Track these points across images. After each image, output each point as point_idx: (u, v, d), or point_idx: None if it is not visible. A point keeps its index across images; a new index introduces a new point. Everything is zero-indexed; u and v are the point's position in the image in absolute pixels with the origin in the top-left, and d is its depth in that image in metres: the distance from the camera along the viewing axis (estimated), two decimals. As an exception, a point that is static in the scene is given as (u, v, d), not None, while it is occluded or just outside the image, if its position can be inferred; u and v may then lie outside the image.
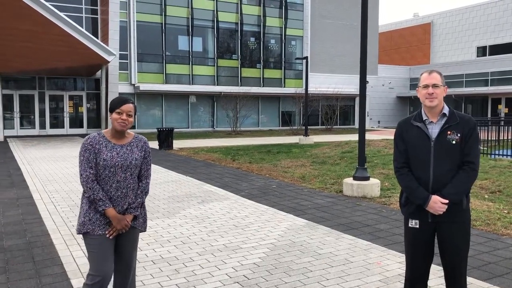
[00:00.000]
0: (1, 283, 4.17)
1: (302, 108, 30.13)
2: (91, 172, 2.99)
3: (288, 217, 6.60)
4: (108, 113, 3.08)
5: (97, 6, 25.15)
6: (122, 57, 24.93)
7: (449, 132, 2.92)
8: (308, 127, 20.92)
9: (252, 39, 30.18)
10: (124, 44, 25.26)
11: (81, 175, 2.99)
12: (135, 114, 3.16)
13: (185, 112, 28.45)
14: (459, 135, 2.90)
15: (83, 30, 18.69)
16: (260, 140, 21.31)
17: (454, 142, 2.90)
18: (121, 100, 3.07)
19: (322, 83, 31.71)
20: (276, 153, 15.22)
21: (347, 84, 32.94)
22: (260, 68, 30.44)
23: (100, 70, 21.56)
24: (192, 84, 27.95)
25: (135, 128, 26.37)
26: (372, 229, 5.92)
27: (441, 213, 2.90)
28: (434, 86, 2.94)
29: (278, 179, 10.05)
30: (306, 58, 21.27)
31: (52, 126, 24.45)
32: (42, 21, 16.60)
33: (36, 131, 24.11)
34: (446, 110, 2.99)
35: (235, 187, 8.97)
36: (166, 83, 27.18)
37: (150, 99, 27.22)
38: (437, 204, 2.87)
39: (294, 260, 4.74)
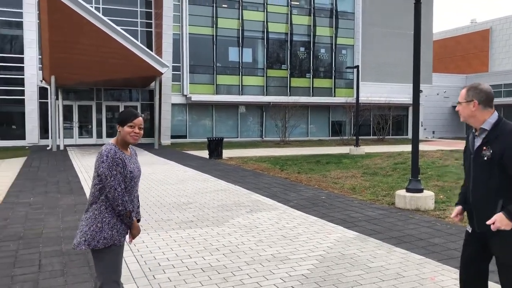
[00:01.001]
0: (59, 285, 4.36)
1: (352, 118, 29.68)
2: (123, 186, 3.01)
3: (338, 229, 6.48)
4: (118, 126, 3.12)
5: (151, 20, 26.08)
6: (175, 68, 25.65)
7: (484, 148, 2.87)
8: (359, 137, 20.54)
9: (302, 48, 30.16)
10: (177, 56, 25.98)
11: (115, 189, 2.95)
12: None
13: (234, 122, 28.77)
14: (491, 151, 2.81)
15: (139, 43, 19.42)
16: (309, 150, 21.16)
17: (485, 158, 2.84)
18: (133, 113, 3.13)
19: (373, 92, 31.10)
20: (325, 164, 15.04)
21: (400, 93, 32.12)
22: (310, 78, 30.33)
23: (154, 82, 22.27)
24: (241, 94, 28.26)
25: (186, 138, 26.99)
26: (426, 243, 5.70)
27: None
28: (458, 103, 3.02)
29: (328, 190, 9.91)
30: (357, 67, 20.97)
31: (108, 135, 25.47)
32: (102, 35, 17.44)
33: (93, 140, 25.19)
34: (487, 124, 2.90)
35: (283, 197, 8.94)
36: (216, 93, 27.65)
37: (201, 110, 27.77)
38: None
39: (344, 273, 4.64)
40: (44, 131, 23.88)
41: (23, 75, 23.56)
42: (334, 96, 30.80)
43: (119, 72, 20.28)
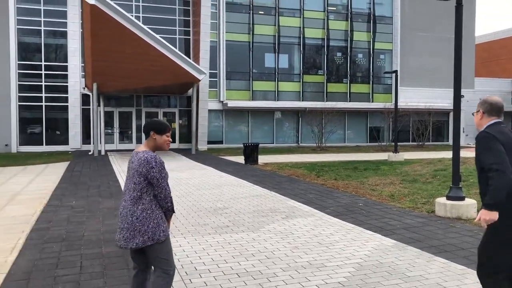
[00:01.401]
0: (99, 287, 4.48)
1: (391, 124, 29.12)
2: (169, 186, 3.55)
3: (376, 236, 6.36)
4: (154, 133, 3.49)
5: (189, 28, 26.56)
6: (211, 75, 25.99)
7: None
8: (398, 143, 20.12)
9: (339, 54, 29.91)
10: (213, 62, 26.32)
11: (165, 190, 3.45)
12: None
13: (270, 128, 28.81)
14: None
15: (177, 51, 19.81)
16: (346, 157, 20.90)
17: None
18: (167, 124, 3.57)
19: (412, 97, 30.44)
20: (363, 170, 14.82)
21: (440, 99, 31.29)
22: (347, 83, 30.01)
23: (191, 88, 22.63)
24: (277, 100, 28.28)
25: (222, 143, 27.24)
26: (468, 253, 5.51)
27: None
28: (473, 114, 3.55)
29: (365, 197, 9.76)
30: (395, 72, 20.59)
31: (148, 141, 26.02)
32: (142, 44, 17.93)
33: (133, 145, 25.81)
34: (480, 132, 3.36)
35: (320, 204, 8.86)
36: (252, 99, 27.78)
37: (237, 115, 27.96)
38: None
39: (381, 281, 4.55)
40: (86, 137, 24.68)
41: (67, 82, 24.47)
42: (372, 102, 30.34)
43: (158, 79, 20.73)
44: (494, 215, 3.07)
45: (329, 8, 29.37)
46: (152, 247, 3.42)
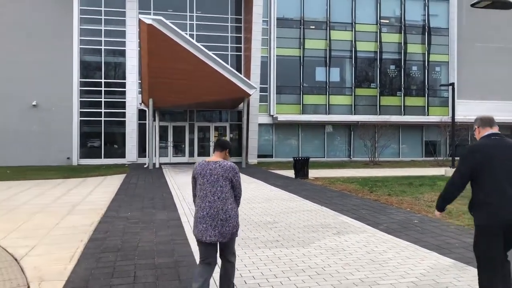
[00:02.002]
0: (151, 296, 4.58)
1: (448, 138, 28.01)
2: None
3: (432, 255, 6.10)
4: (228, 151, 4.40)
5: (241, 44, 27.02)
6: (262, 90, 26.21)
7: None
8: (456, 158, 19.32)
9: (392, 66, 29.31)
10: (264, 77, 26.55)
11: (241, 192, 4.34)
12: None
13: (321, 142, 28.55)
14: None
15: (229, 67, 20.19)
16: (401, 171, 20.29)
17: None
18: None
19: (471, 110, 29.15)
20: (418, 186, 14.31)
21: (503, 112, 29.75)
22: (401, 96, 29.28)
23: (242, 103, 22.91)
24: (328, 114, 28.03)
25: (272, 157, 27.28)
26: (534, 276, 5.15)
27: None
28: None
29: (421, 213, 9.41)
30: (452, 84, 19.89)
31: (200, 154, 26.54)
32: (196, 61, 18.46)
33: (185, 158, 26.40)
34: None
35: (372, 220, 8.63)
36: (303, 113, 27.70)
37: (287, 129, 27.95)
38: None
39: (438, 303, 4.34)
40: (142, 150, 25.53)
41: (125, 98, 25.52)
42: (428, 115, 29.38)
43: (211, 95, 21.18)
44: (437, 214, 4.52)
45: (381, 21, 28.94)
46: (233, 239, 4.22)
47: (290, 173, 18.24)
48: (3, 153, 23.63)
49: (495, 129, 3.99)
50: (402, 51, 29.17)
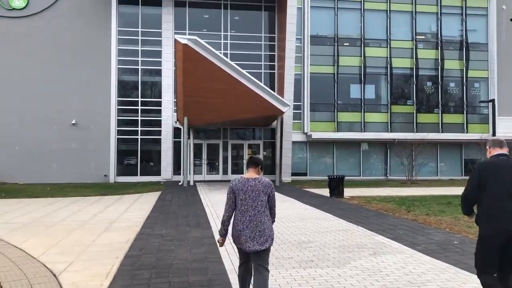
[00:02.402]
0: (185, 315, 4.55)
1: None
2: None
3: (473, 278, 5.83)
4: (261, 167, 4.78)
5: (274, 62, 27.19)
6: (295, 107, 26.17)
7: None
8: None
9: (429, 83, 28.74)
10: (297, 95, 26.53)
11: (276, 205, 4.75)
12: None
13: (356, 160, 28.13)
14: None
15: (262, 85, 20.31)
16: (439, 191, 19.68)
17: None
18: None
19: (513, 127, 28.15)
20: (458, 205, 13.81)
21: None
22: (438, 113, 28.61)
23: (276, 120, 22.93)
24: (364, 131, 27.66)
25: (306, 175, 27.07)
26: None
27: None
28: None
29: (461, 234, 9.05)
30: (492, 100, 19.30)
31: (233, 172, 26.62)
32: (230, 79, 18.69)
33: (219, 176, 26.54)
34: None
35: (410, 241, 8.36)
36: (337, 131, 27.45)
37: (322, 147, 27.72)
38: None
39: (483, 330, 4.12)
40: (176, 168, 25.86)
41: (161, 117, 26.04)
42: (467, 132, 28.54)
43: (244, 113, 21.32)
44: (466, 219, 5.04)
45: (417, 37, 28.56)
46: (268, 249, 4.58)
47: (325, 192, 18.01)
48: (44, 171, 24.44)
49: (504, 150, 4.53)
50: (439, 67, 28.61)
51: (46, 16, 25.07)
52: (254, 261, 4.55)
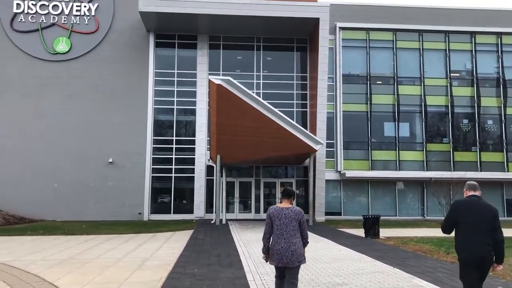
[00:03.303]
0: None
1: (532, 196, 25.89)
2: None
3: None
4: (293, 198, 5.88)
5: (306, 100, 27.36)
6: (328, 145, 26.03)
7: None
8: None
9: (465, 121, 28.15)
10: (330, 133, 26.44)
11: (307, 230, 5.82)
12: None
13: (392, 199, 27.45)
14: None
15: (294, 123, 20.40)
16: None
17: None
18: None
19: (557, 166, 26.99)
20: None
21: None
22: (476, 151, 27.81)
23: (308, 158, 22.83)
24: (399, 170, 27.11)
25: (341, 215, 26.56)
26: None
27: None
28: None
29: (506, 279, 8.59)
30: (533, 138, 18.63)
31: (265, 210, 26.07)
32: (262, 118, 18.91)
33: (251, 215, 26.37)
34: None
35: (450, 284, 7.99)
36: (371, 169, 27.02)
37: (356, 186, 27.26)
38: None
39: None
40: (209, 206, 25.90)
41: (194, 155, 26.39)
42: (507, 171, 27.51)
43: (277, 150, 21.35)
44: None
45: (451, 74, 28.27)
46: (298, 267, 5.62)
47: (360, 232, 17.56)
48: (81, 208, 24.97)
49: (477, 193, 5.70)
50: (475, 104, 28.06)
51: (87, 59, 26.29)
52: (287, 276, 5.66)
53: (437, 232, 18.44)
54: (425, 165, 27.39)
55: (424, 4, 33.72)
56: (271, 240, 5.67)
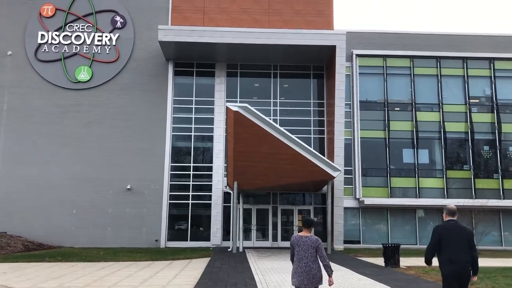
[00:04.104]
0: None
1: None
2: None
3: None
4: (312, 227, 6.77)
5: (324, 127, 27.31)
6: (346, 172, 25.78)
7: None
8: None
9: (486, 147, 27.68)
10: (348, 159, 26.22)
11: (325, 254, 6.53)
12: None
13: (412, 227, 26.88)
14: None
15: (312, 149, 20.32)
16: (505, 262, 18.24)
17: None
18: None
19: None
20: (528, 279, 12.69)
21: None
22: (498, 178, 27.20)
23: (326, 186, 22.61)
24: (418, 197, 26.63)
25: (360, 243, 26.08)
26: None
27: None
28: None
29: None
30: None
31: (283, 238, 26.05)
32: (279, 144, 18.90)
33: (269, 243, 26.06)
34: None
35: (476, 317, 7.67)
36: (391, 196, 26.61)
37: (375, 214, 26.83)
38: None
39: None
40: (226, 233, 25.71)
41: (211, 182, 26.39)
42: (532, 199, 26.78)
43: (294, 177, 21.23)
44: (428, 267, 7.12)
45: (470, 100, 28.00)
46: (318, 286, 6.49)
47: (380, 261, 17.17)
48: (99, 234, 25.05)
49: (455, 217, 6.86)
50: (496, 131, 27.64)
51: (107, 87, 26.85)
52: None
53: (460, 262, 17.88)
54: (445, 193, 26.86)
55: (440, 30, 33.79)
56: (293, 263, 6.62)
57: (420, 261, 17.91)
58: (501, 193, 26.92)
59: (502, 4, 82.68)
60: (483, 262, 18.14)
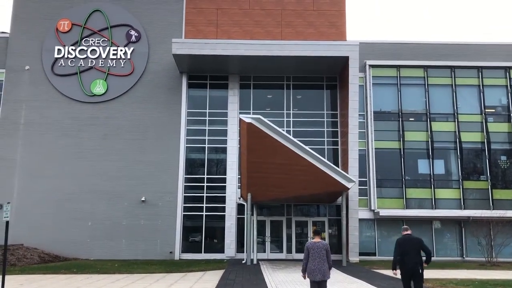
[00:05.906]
0: None
1: None
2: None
3: None
4: (320, 235, 9.47)
5: (337, 138, 27.20)
6: (361, 183, 25.56)
7: None
8: None
9: (503, 157, 27.25)
10: (363, 171, 26.02)
11: (330, 257, 9.12)
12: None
13: (428, 239, 26.39)
14: None
15: (326, 160, 20.24)
16: (525, 274, 17.80)
17: None
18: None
19: None
20: (549, 292, 12.37)
21: None
22: (517, 189, 26.69)
23: (340, 197, 22.44)
24: (435, 208, 26.26)
25: (375, 255, 25.75)
26: None
27: None
28: None
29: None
30: None
31: (297, 250, 25.82)
32: (293, 155, 18.89)
33: (283, 255, 25.87)
34: None
35: (496, 332, 7.49)
36: (406, 208, 26.28)
37: (390, 225, 26.48)
38: None
39: None
40: (240, 245, 25.62)
41: (225, 193, 26.40)
42: (551, 209, 26.20)
43: (308, 188, 21.12)
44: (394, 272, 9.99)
45: (486, 110, 27.65)
46: (326, 281, 8.98)
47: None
48: (114, 246, 25.18)
49: (409, 232, 10.04)
50: (513, 140, 27.21)
51: (122, 100, 27.16)
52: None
53: (479, 274, 17.59)
54: (462, 203, 26.45)
55: (454, 40, 33.57)
56: (308, 263, 8.98)
57: (437, 274, 17.62)
58: (520, 204, 26.39)
59: (503, 5, 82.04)
60: (503, 274, 17.80)
